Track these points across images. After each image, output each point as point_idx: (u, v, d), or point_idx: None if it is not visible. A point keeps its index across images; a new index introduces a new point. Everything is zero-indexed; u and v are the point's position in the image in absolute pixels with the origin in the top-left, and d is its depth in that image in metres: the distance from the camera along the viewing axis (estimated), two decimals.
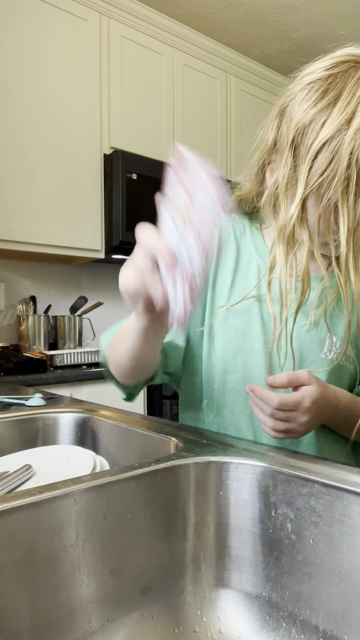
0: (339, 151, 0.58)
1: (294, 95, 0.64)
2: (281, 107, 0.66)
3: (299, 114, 0.61)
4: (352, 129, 0.57)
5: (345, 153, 0.57)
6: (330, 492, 0.47)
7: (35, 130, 1.98)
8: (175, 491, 0.53)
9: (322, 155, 0.59)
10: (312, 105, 0.60)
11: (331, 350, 0.71)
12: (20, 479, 0.59)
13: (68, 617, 0.45)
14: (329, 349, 0.71)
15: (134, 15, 2.28)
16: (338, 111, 0.58)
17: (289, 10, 2.38)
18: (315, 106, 0.60)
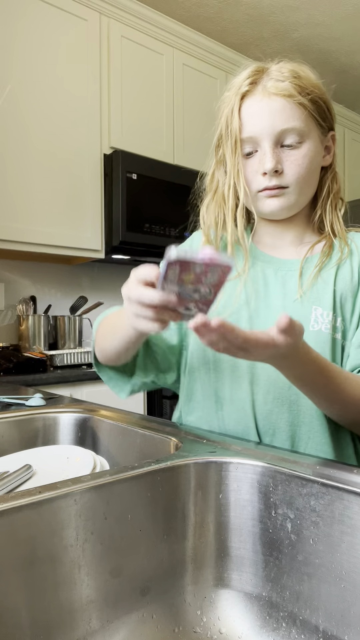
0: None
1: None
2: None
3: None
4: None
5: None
6: (330, 492, 0.47)
7: (35, 130, 1.98)
8: (175, 491, 0.53)
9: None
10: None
11: (318, 322, 0.71)
12: (20, 479, 0.59)
13: (68, 617, 0.45)
14: (316, 320, 0.71)
15: (134, 15, 2.28)
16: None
17: (289, 10, 2.38)
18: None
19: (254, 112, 0.70)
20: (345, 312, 0.71)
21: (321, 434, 0.70)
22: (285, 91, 0.68)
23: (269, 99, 0.69)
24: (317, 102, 0.70)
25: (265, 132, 0.69)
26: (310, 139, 0.70)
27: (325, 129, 0.74)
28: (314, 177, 0.74)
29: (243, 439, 0.67)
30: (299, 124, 0.69)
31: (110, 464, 0.69)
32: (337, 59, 2.79)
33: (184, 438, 0.64)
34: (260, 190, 0.72)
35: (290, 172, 0.70)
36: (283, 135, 0.69)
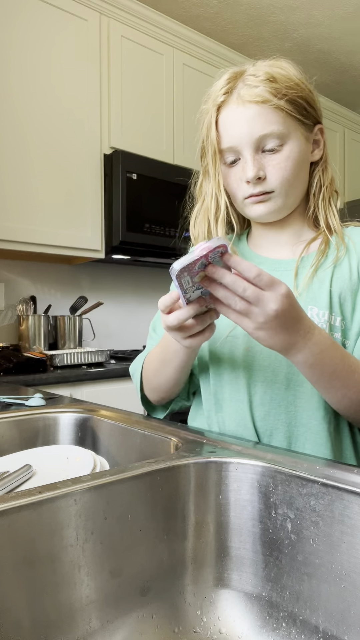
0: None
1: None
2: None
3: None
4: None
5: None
6: (330, 492, 0.47)
7: (35, 130, 1.98)
8: (175, 491, 0.53)
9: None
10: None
11: (314, 321, 0.71)
12: (20, 479, 0.59)
13: (68, 617, 0.45)
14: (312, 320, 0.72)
15: (134, 15, 2.28)
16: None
17: (289, 10, 2.38)
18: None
19: (231, 122, 0.70)
20: (345, 311, 0.71)
21: (319, 435, 0.70)
22: (259, 97, 0.67)
23: (244, 107, 0.69)
24: (296, 101, 0.69)
25: (244, 140, 0.69)
26: (291, 140, 0.70)
27: (310, 124, 0.73)
28: (301, 177, 0.73)
29: (243, 439, 0.67)
30: (277, 127, 0.68)
31: (110, 464, 0.69)
32: (337, 59, 2.79)
33: (184, 438, 0.64)
34: (246, 197, 0.72)
35: (273, 177, 0.70)
36: (262, 141, 0.69)
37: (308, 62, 2.81)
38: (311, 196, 0.76)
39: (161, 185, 2.25)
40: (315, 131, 0.74)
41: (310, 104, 0.72)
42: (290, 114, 0.69)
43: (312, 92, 0.73)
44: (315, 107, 0.73)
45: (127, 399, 1.94)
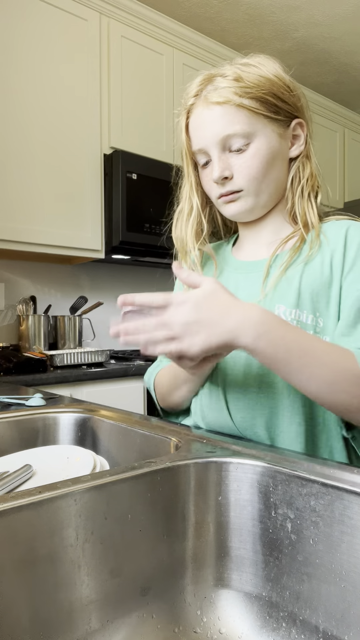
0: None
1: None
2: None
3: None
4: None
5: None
6: (330, 492, 0.47)
7: (36, 130, 1.98)
8: (175, 491, 0.53)
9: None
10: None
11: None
12: (20, 479, 0.59)
13: (68, 617, 0.45)
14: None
15: (134, 15, 2.28)
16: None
17: (289, 10, 2.38)
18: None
19: (197, 125, 0.72)
20: (320, 308, 0.69)
21: (299, 435, 0.68)
22: (222, 97, 0.68)
23: (208, 109, 0.70)
24: (264, 98, 0.68)
25: (210, 141, 0.70)
26: (259, 138, 0.69)
27: (285, 120, 0.72)
28: (273, 174, 0.72)
29: (243, 439, 0.67)
30: (240, 127, 0.68)
31: (110, 464, 0.69)
32: (337, 59, 2.79)
33: (184, 438, 0.64)
34: (218, 197, 0.73)
35: (240, 176, 0.70)
36: (227, 141, 0.69)
37: (308, 62, 2.81)
38: (288, 192, 0.75)
39: (161, 185, 2.25)
40: (292, 126, 0.73)
41: (284, 99, 0.71)
42: (257, 112, 0.68)
43: (289, 88, 0.71)
44: (291, 102, 0.72)
45: (127, 399, 1.94)
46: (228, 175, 0.70)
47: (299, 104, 0.73)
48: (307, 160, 0.74)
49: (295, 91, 0.73)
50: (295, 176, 0.74)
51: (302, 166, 0.74)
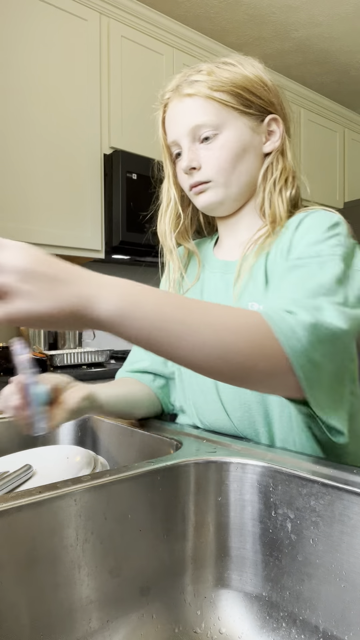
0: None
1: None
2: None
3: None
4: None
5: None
6: (330, 492, 0.47)
7: (35, 130, 1.98)
8: (175, 491, 0.53)
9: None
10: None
11: None
12: (20, 479, 0.59)
13: (68, 617, 0.45)
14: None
15: (134, 15, 2.28)
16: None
17: (289, 10, 2.38)
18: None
19: (171, 118, 0.74)
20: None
21: (299, 428, 0.67)
22: (193, 89, 0.70)
23: (181, 102, 0.72)
24: (235, 92, 0.69)
25: (180, 132, 0.72)
26: (228, 129, 0.70)
27: (258, 114, 0.72)
28: (243, 166, 0.72)
29: (243, 439, 0.67)
30: (208, 117, 0.69)
31: (110, 464, 0.69)
32: (337, 59, 2.79)
33: (184, 438, 0.64)
34: (190, 189, 0.74)
35: (207, 166, 0.71)
36: (197, 131, 0.71)
37: (308, 62, 2.81)
38: (259, 187, 0.74)
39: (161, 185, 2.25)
40: (267, 122, 0.73)
41: (257, 94, 0.71)
42: (227, 104, 0.69)
43: (264, 84, 0.72)
44: (265, 98, 0.72)
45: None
46: (196, 166, 0.71)
47: (275, 100, 0.74)
48: (282, 156, 0.74)
49: (273, 88, 0.73)
50: (268, 171, 0.73)
51: (275, 161, 0.73)
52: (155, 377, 0.83)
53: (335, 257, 0.61)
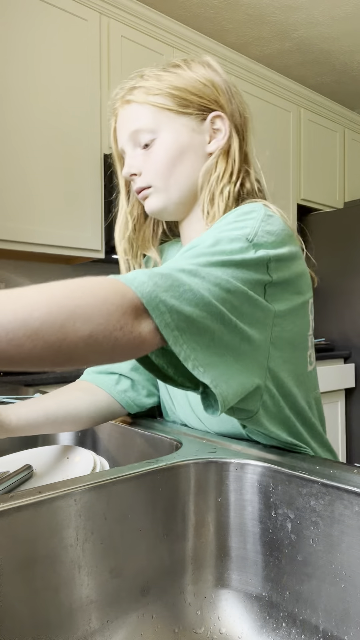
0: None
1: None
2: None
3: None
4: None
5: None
6: (330, 492, 0.47)
7: (35, 130, 1.98)
8: (175, 491, 0.53)
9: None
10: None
11: None
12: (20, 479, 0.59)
13: (68, 617, 0.45)
14: None
15: (134, 15, 2.28)
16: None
17: (289, 10, 2.38)
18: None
19: (117, 126, 0.73)
20: None
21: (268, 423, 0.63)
22: (131, 96, 0.69)
23: (123, 109, 0.71)
24: (171, 94, 0.68)
25: (122, 139, 0.72)
26: (165, 132, 0.68)
27: (199, 113, 0.69)
28: (182, 169, 0.69)
29: (243, 439, 0.67)
30: (144, 122, 0.68)
31: (110, 464, 0.69)
32: (337, 58, 2.79)
33: (184, 438, 0.64)
34: (137, 195, 0.73)
35: (146, 171, 0.70)
36: (135, 137, 0.70)
37: (308, 62, 2.81)
38: (199, 189, 0.70)
39: None
40: (209, 120, 0.69)
41: (196, 93, 0.68)
42: (162, 107, 0.68)
43: (212, 83, 0.69)
44: (206, 96, 0.69)
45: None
46: (135, 172, 0.70)
47: (224, 98, 0.70)
48: (226, 154, 0.70)
49: (222, 87, 0.70)
50: (208, 171, 0.69)
51: (219, 160, 0.69)
52: (120, 378, 0.78)
53: (233, 234, 0.54)
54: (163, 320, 0.43)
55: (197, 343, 0.46)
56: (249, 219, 0.58)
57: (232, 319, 0.49)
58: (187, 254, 0.53)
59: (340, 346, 2.77)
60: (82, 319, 0.39)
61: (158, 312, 0.43)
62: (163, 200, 0.71)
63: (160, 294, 0.43)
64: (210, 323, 0.47)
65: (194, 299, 0.45)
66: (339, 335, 2.78)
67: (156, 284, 0.43)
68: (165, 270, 0.46)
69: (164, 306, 0.43)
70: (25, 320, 0.37)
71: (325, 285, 2.78)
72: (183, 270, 0.47)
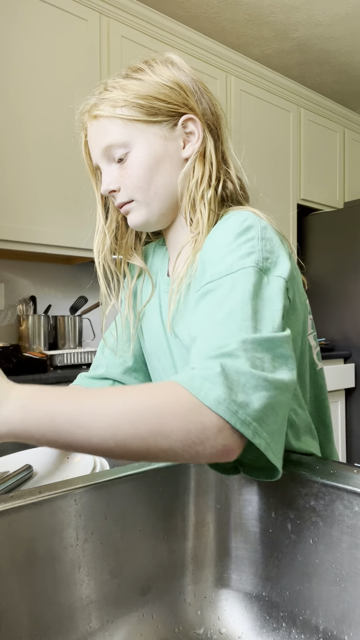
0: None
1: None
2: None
3: None
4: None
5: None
6: (330, 492, 0.47)
7: (36, 130, 1.98)
8: (175, 491, 0.53)
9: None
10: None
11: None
12: (20, 479, 0.59)
13: (68, 617, 0.45)
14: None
15: (134, 15, 2.28)
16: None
17: (289, 10, 2.38)
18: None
19: (89, 141, 0.72)
20: None
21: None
22: (98, 110, 0.68)
23: (91, 124, 0.70)
24: (138, 104, 0.65)
25: (96, 156, 0.70)
26: (137, 145, 0.66)
27: (169, 119, 0.67)
28: (160, 179, 0.67)
29: None
30: (115, 137, 0.66)
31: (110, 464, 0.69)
32: (337, 59, 2.79)
33: None
34: (120, 210, 0.71)
35: (124, 187, 0.68)
36: (109, 153, 0.68)
37: (308, 62, 2.81)
38: (179, 197, 0.69)
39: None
40: (181, 124, 0.67)
41: (164, 99, 0.66)
42: (130, 119, 0.66)
43: (178, 85, 0.67)
44: (174, 100, 0.66)
45: None
46: (114, 188, 0.68)
47: (192, 98, 0.68)
48: (202, 157, 0.67)
49: (189, 87, 0.68)
50: (185, 177, 0.67)
51: (196, 165, 0.67)
52: (114, 384, 0.80)
53: (246, 269, 0.54)
54: (248, 428, 0.43)
55: (274, 424, 0.45)
56: (250, 239, 0.57)
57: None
58: (219, 323, 0.50)
59: (340, 346, 2.77)
60: (162, 436, 0.42)
61: (237, 420, 0.42)
62: (145, 214, 0.69)
63: (236, 406, 0.42)
64: (275, 399, 0.45)
65: (258, 385, 0.44)
66: (339, 335, 2.78)
67: (229, 393, 0.42)
68: (229, 368, 0.44)
69: (245, 414, 0.43)
70: (115, 434, 0.42)
71: (325, 285, 2.78)
72: (239, 359, 0.45)
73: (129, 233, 0.77)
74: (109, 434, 0.42)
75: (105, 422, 0.42)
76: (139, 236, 0.79)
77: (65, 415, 0.43)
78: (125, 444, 0.42)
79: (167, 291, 0.74)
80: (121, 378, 0.80)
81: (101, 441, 0.42)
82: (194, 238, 0.66)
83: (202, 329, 0.51)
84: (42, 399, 0.45)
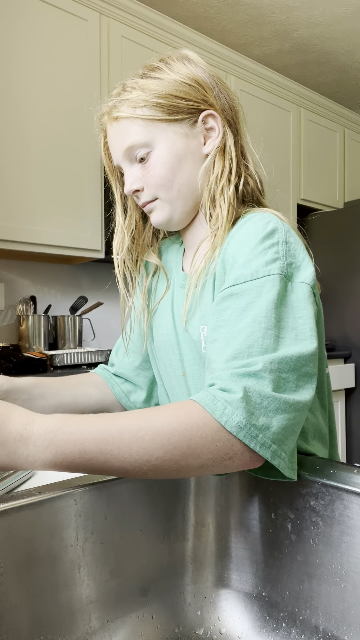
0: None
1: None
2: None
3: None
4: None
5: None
6: (330, 492, 0.47)
7: (35, 130, 1.98)
8: (175, 491, 0.53)
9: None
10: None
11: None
12: (20, 479, 0.59)
13: (68, 617, 0.45)
14: (205, 340, 0.65)
15: (134, 15, 2.28)
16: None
17: (289, 10, 2.38)
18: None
19: (109, 142, 0.71)
20: None
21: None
22: (118, 112, 0.67)
23: (111, 126, 0.69)
24: (158, 103, 0.65)
25: (117, 157, 0.70)
26: (159, 144, 0.67)
27: (189, 117, 0.67)
28: (183, 177, 0.68)
29: None
30: (136, 137, 0.66)
31: None
32: (337, 59, 2.79)
33: None
34: (143, 208, 0.72)
35: (147, 186, 0.68)
36: (131, 153, 0.68)
37: (308, 62, 2.81)
38: (199, 193, 0.69)
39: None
40: (200, 120, 0.67)
41: (183, 96, 0.66)
42: (151, 118, 0.66)
43: (196, 82, 0.67)
44: (193, 97, 0.67)
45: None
46: (138, 187, 0.69)
47: (211, 94, 0.68)
48: (222, 152, 0.68)
49: (207, 82, 0.68)
50: (205, 174, 0.68)
51: (215, 160, 0.68)
52: (125, 382, 0.83)
53: (271, 277, 0.55)
54: (267, 451, 0.46)
55: (292, 443, 0.49)
56: (274, 243, 0.58)
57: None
58: (240, 333, 0.51)
59: (340, 346, 2.77)
60: (193, 457, 0.45)
61: (257, 444, 0.46)
62: (168, 213, 0.70)
63: (256, 430, 0.46)
64: (294, 420, 0.48)
65: (279, 408, 0.47)
66: (339, 335, 2.78)
67: (250, 418, 0.45)
68: (252, 392, 0.46)
69: (265, 437, 0.46)
70: (148, 460, 0.44)
71: (326, 286, 2.78)
72: (263, 381, 0.47)
73: (146, 231, 0.78)
74: (142, 461, 0.44)
75: (138, 452, 0.44)
76: (156, 234, 0.80)
77: (96, 448, 0.44)
78: (159, 468, 0.45)
79: (181, 286, 0.74)
80: (132, 379, 0.83)
81: (134, 468, 0.45)
82: (213, 233, 0.67)
83: (223, 333, 0.53)
84: (69, 434, 0.44)
